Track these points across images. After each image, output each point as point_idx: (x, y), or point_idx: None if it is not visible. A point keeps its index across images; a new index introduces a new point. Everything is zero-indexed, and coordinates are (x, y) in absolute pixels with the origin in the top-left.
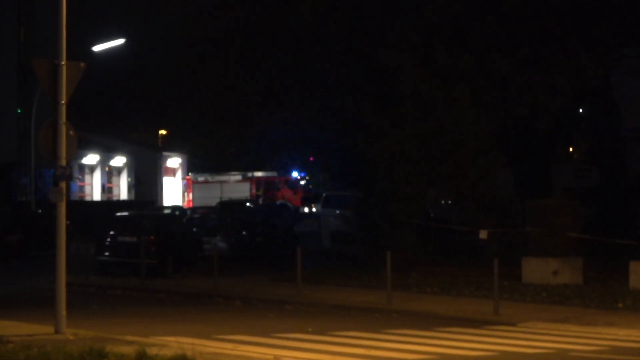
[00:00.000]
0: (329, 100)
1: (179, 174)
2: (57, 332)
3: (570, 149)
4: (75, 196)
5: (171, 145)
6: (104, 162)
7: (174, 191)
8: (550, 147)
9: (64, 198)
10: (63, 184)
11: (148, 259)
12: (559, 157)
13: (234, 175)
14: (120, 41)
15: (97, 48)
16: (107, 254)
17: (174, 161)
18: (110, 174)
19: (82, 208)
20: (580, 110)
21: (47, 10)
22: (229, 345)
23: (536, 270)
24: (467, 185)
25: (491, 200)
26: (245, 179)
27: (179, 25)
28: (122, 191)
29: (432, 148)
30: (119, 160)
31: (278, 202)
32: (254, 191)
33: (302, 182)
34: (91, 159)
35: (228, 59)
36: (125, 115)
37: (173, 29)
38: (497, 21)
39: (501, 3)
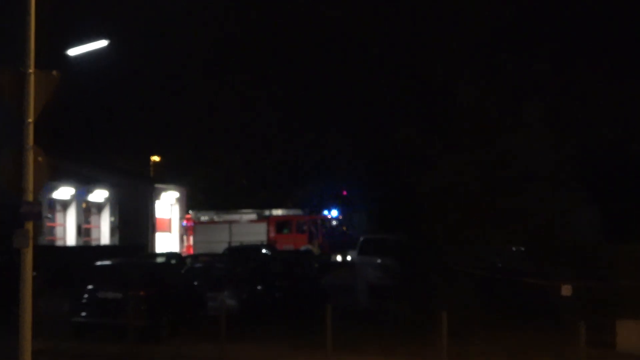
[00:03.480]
0: (367, 122)
1: (176, 218)
2: None
3: None
4: (43, 240)
5: (166, 176)
6: (80, 197)
7: (169, 235)
8: None
9: (31, 243)
10: (30, 225)
11: (137, 320)
12: None
13: (247, 213)
14: (102, 43)
15: (74, 52)
16: (84, 314)
17: (169, 199)
18: (88, 212)
19: (53, 255)
20: None
21: (13, 10)
22: None
23: (634, 335)
24: (541, 227)
25: (571, 246)
26: (260, 218)
27: (177, 27)
28: (103, 234)
29: (496, 180)
30: (99, 195)
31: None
32: (272, 233)
33: (334, 223)
34: (64, 192)
35: (239, 67)
36: (108, 137)
37: (170, 30)
38: (577, 18)
39: None
